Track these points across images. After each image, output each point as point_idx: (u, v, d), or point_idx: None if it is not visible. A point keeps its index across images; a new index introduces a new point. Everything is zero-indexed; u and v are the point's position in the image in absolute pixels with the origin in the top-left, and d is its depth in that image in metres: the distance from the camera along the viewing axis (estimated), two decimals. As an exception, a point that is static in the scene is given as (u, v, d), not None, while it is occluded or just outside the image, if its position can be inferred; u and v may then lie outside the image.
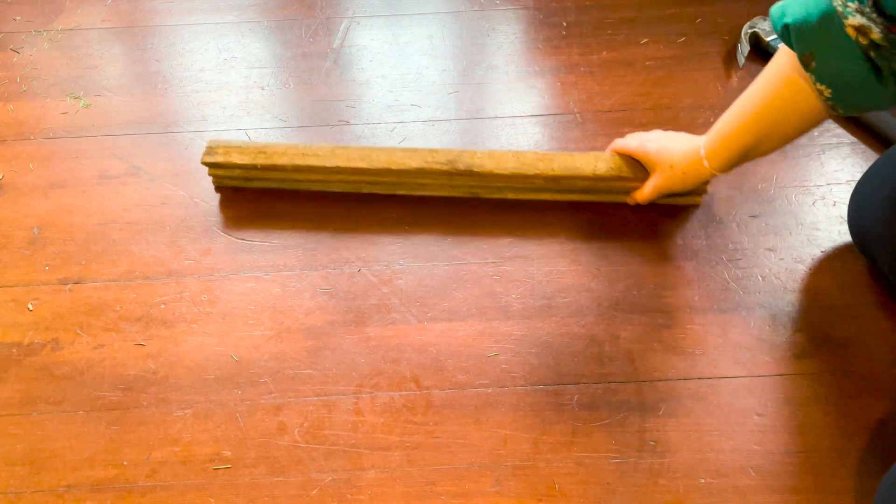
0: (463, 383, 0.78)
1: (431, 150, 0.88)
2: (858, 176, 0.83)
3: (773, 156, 0.94)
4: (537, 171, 0.86)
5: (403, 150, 0.88)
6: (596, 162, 0.86)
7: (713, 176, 0.78)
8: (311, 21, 1.14)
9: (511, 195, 0.90)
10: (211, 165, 0.90)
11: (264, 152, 0.88)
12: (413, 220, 0.91)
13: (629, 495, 0.71)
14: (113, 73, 1.08)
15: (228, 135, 1.00)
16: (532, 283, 0.85)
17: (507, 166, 0.86)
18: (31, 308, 0.85)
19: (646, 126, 0.98)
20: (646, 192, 0.84)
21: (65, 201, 0.94)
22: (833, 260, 0.86)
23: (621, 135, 0.91)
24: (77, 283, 0.87)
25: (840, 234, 0.88)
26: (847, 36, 0.58)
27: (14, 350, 0.82)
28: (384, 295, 0.85)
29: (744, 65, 1.04)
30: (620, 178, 0.86)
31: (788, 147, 0.95)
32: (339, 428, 0.76)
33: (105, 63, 1.10)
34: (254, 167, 0.88)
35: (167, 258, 0.89)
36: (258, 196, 0.93)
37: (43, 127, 1.02)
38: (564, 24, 1.11)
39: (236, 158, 0.88)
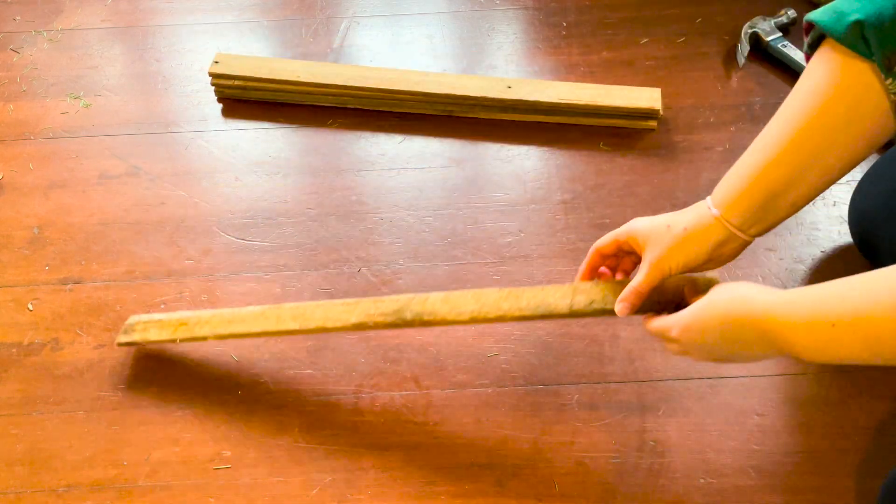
0: (463, 383, 0.78)
1: (376, 300, 0.73)
2: (858, 176, 0.83)
3: (773, 156, 0.94)
4: (500, 314, 0.69)
5: (343, 303, 0.74)
6: (573, 295, 0.68)
7: (726, 231, 0.59)
8: (311, 21, 1.14)
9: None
10: None
11: (186, 323, 0.77)
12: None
13: (629, 495, 0.71)
14: (113, 73, 1.08)
15: (228, 133, 1.00)
16: (532, 283, 0.85)
17: (465, 310, 0.70)
18: (31, 308, 0.85)
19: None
20: (636, 286, 0.63)
21: (65, 201, 0.94)
22: (833, 260, 0.86)
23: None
24: (77, 283, 0.87)
25: (840, 234, 0.88)
26: None
27: (14, 350, 0.82)
28: (384, 295, 0.85)
29: (744, 65, 1.04)
30: (604, 312, 0.67)
31: (788, 147, 0.95)
32: (339, 428, 0.76)
33: (105, 63, 1.10)
34: (172, 341, 0.78)
35: (167, 258, 0.89)
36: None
37: (43, 127, 1.02)
38: (564, 24, 1.11)
39: (154, 335, 0.79)
